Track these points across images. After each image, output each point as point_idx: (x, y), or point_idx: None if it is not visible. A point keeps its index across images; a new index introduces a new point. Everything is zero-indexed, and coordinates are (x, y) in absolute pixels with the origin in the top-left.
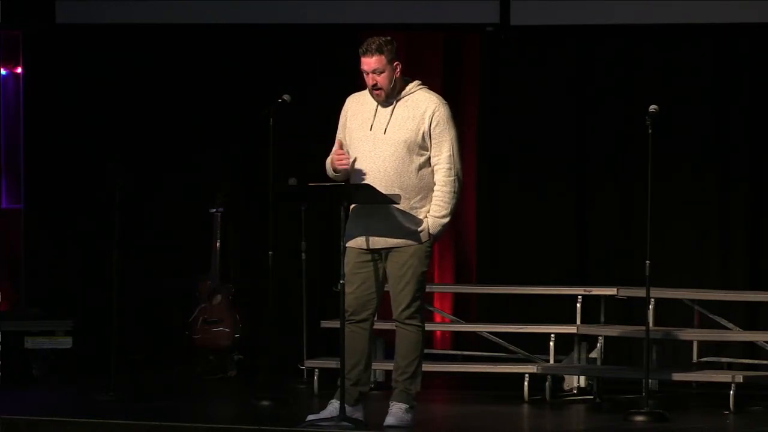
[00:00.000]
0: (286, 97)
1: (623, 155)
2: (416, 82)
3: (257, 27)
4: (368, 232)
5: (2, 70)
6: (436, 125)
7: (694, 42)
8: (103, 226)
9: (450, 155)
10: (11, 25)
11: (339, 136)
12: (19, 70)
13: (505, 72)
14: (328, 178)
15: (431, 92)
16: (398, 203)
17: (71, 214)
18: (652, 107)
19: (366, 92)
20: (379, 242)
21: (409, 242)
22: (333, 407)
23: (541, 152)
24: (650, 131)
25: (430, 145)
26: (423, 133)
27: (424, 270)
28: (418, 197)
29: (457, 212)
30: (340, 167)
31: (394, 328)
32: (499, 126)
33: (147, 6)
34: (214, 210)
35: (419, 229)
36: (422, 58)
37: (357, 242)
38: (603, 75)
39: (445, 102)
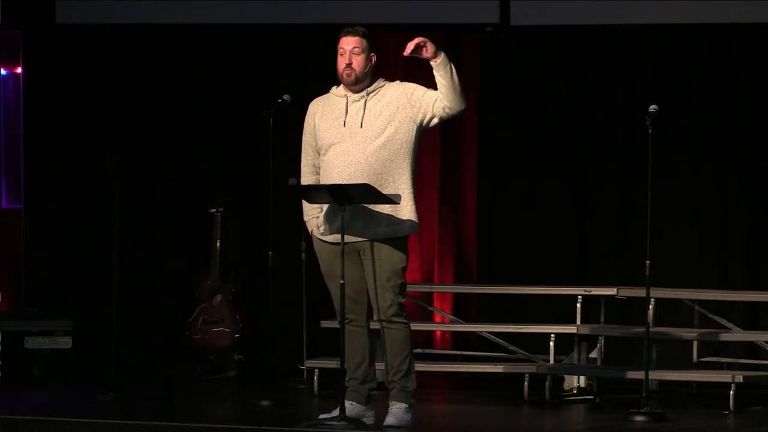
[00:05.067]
0: (286, 97)
1: (623, 155)
2: (381, 79)
3: (257, 27)
4: (349, 227)
5: (2, 70)
6: (413, 91)
7: (693, 42)
8: (103, 225)
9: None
10: (11, 25)
11: (307, 140)
12: (19, 70)
13: (505, 72)
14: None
15: (395, 82)
16: (398, 203)
17: (71, 214)
18: (652, 107)
19: (329, 94)
20: (361, 235)
21: (388, 237)
22: (350, 407)
23: (541, 152)
24: (650, 131)
25: (421, 107)
26: (407, 110)
27: (404, 266)
28: (403, 179)
29: (456, 212)
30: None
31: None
32: (499, 126)
33: (147, 6)
34: (214, 210)
35: (398, 221)
36: (422, 58)
37: (335, 238)
38: (603, 75)
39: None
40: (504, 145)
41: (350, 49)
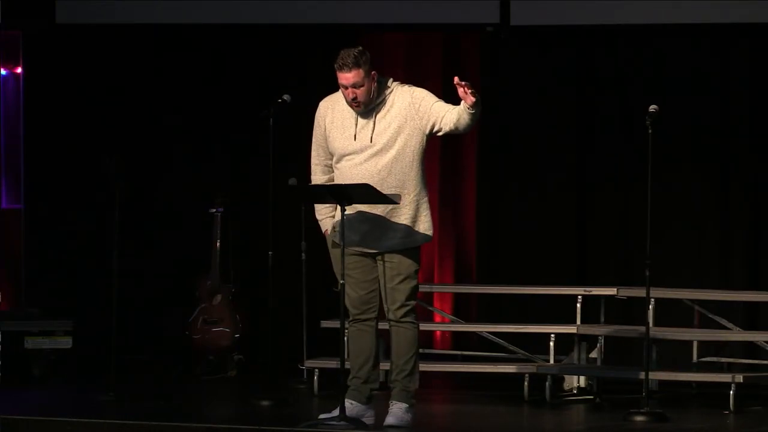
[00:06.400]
0: (286, 97)
1: (623, 155)
2: (389, 83)
3: (257, 27)
4: (365, 238)
5: (2, 70)
6: (421, 102)
7: (694, 42)
8: (103, 225)
9: (447, 104)
10: (11, 25)
11: (318, 141)
12: (19, 70)
13: (505, 72)
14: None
15: (403, 86)
16: (398, 203)
17: (71, 214)
18: (652, 107)
19: (339, 95)
20: (376, 247)
21: (404, 244)
22: (350, 406)
23: (541, 152)
24: (650, 131)
25: (429, 119)
26: (415, 121)
27: (416, 269)
28: (418, 189)
29: (456, 212)
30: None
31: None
32: (499, 126)
33: (147, 6)
34: (214, 210)
35: (414, 232)
36: (422, 58)
37: (354, 248)
38: (603, 75)
39: (418, 87)
40: (504, 145)
41: (351, 85)
